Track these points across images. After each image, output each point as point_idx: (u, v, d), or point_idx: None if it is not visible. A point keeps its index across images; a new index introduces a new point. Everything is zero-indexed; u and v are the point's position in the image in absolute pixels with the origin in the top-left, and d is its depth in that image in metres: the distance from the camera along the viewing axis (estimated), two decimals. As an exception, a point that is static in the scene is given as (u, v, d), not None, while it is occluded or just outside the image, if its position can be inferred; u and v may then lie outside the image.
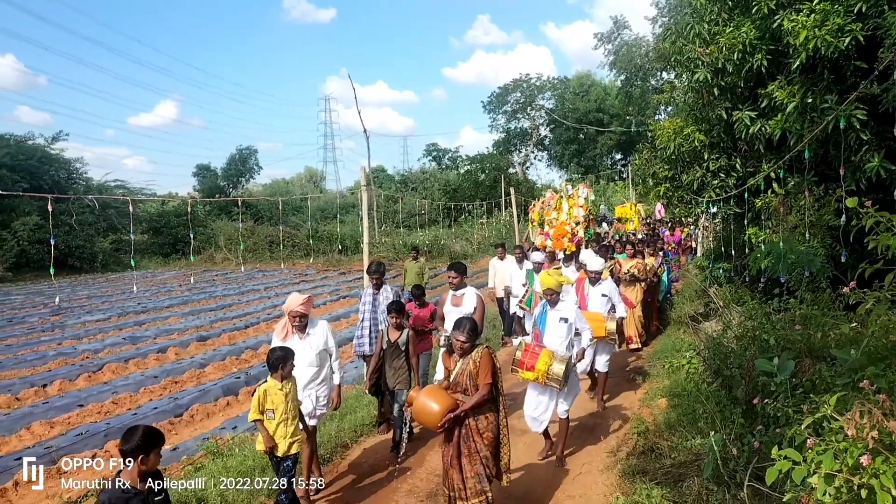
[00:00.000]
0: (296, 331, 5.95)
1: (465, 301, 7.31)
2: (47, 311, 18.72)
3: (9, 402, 9.68)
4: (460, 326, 5.11)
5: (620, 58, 35.14)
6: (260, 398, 5.13)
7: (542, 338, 6.48)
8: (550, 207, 12.45)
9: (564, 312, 6.49)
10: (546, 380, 6.20)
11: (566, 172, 50.98)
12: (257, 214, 41.17)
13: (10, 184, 30.11)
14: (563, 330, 6.44)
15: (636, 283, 11.05)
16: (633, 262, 11.20)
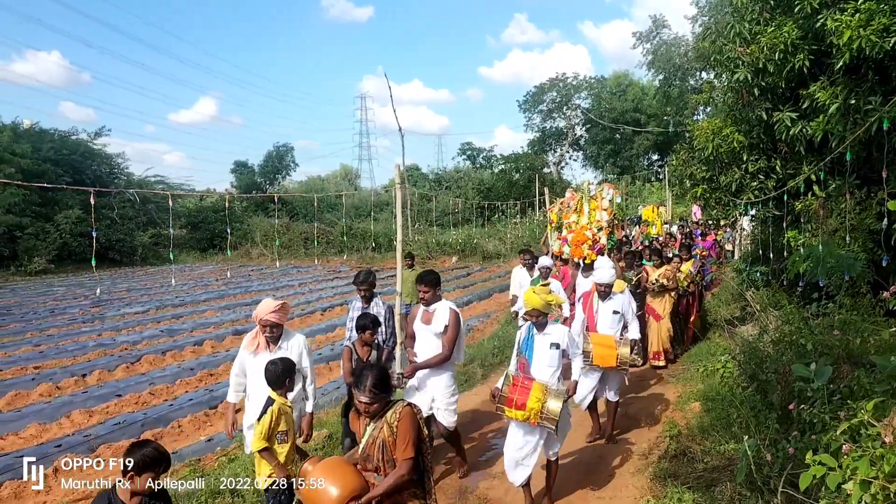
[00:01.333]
0: (268, 343, 5.26)
1: (435, 318, 6.02)
2: (88, 303, 19.17)
3: (50, 391, 9.93)
4: (361, 382, 3.64)
5: (659, 57, 34.80)
6: (272, 421, 4.43)
7: (528, 367, 5.49)
8: (570, 209, 11.04)
9: (555, 337, 5.48)
10: (540, 419, 5.27)
11: (602, 173, 50.58)
12: (293, 211, 41.64)
13: (54, 178, 30.94)
14: (554, 358, 5.47)
15: (665, 293, 10.22)
16: (661, 271, 10.22)
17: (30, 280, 27.09)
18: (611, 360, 6.82)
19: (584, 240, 10.25)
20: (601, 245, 10.29)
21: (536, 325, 5.54)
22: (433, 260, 31.58)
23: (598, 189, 10.87)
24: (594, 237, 10.32)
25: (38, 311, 17.88)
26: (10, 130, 32.55)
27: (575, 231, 10.51)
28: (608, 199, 10.65)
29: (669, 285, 10.15)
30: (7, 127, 33.29)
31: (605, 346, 6.84)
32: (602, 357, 6.79)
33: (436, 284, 6.08)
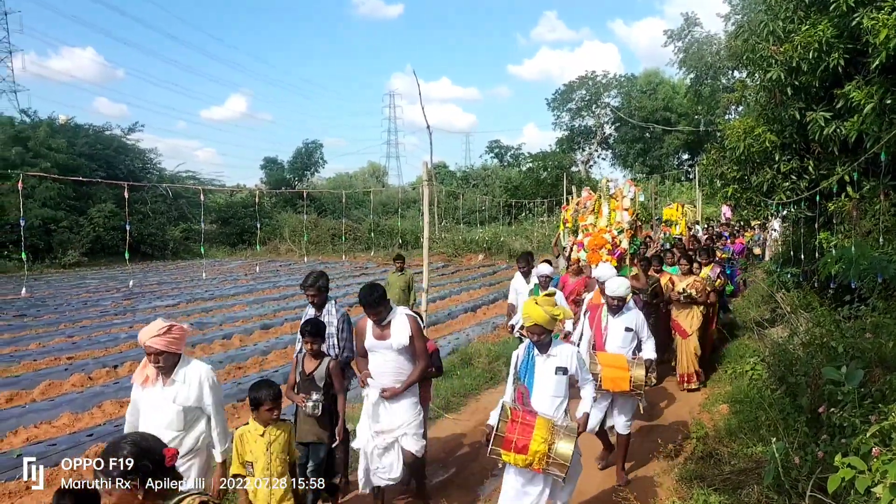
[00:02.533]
0: (157, 374, 4.11)
1: (394, 330, 5.07)
2: (120, 296, 19.52)
3: (83, 382, 10.12)
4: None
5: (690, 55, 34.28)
6: (237, 446, 4.10)
7: (528, 397, 4.54)
8: (587, 210, 9.87)
9: (561, 359, 4.56)
10: (546, 465, 4.32)
11: (630, 172, 50.18)
12: (321, 207, 41.95)
13: (88, 172, 31.54)
14: (561, 385, 4.55)
15: (693, 307, 9.14)
16: (689, 280, 9.21)
17: (64, 272, 27.64)
18: (623, 384, 5.89)
19: (602, 244, 9.19)
20: (622, 250, 9.24)
21: (538, 344, 4.58)
22: (459, 257, 31.61)
23: (619, 188, 9.71)
24: (614, 241, 9.25)
25: (72, 302, 18.24)
26: (46, 126, 33.21)
27: (592, 234, 9.40)
28: (629, 198, 9.50)
29: (699, 297, 9.09)
30: (43, 122, 33.99)
31: (616, 367, 5.92)
32: (613, 381, 5.90)
33: (382, 302, 5.00)
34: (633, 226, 9.42)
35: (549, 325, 4.46)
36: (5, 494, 6.32)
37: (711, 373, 9.77)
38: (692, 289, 9.10)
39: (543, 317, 4.40)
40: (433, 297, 16.65)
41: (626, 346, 6.20)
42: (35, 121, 34.37)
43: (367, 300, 4.93)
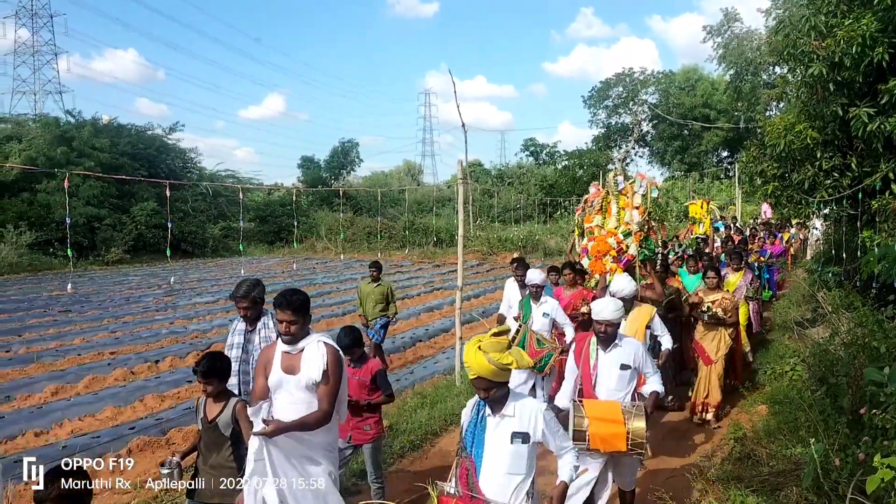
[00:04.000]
0: None
1: (305, 362, 3.88)
2: (161, 292, 19.92)
3: (125, 376, 10.37)
4: None
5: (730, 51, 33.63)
6: None
7: (476, 475, 3.40)
8: (593, 209, 8.35)
9: (521, 422, 3.40)
10: None
11: (668, 169, 49.56)
12: (357, 206, 42.25)
13: (130, 171, 32.24)
14: (521, 459, 3.38)
15: (719, 328, 7.77)
16: (717, 296, 7.85)
17: (107, 269, 28.29)
18: (618, 442, 4.50)
19: (606, 250, 7.76)
20: (629, 256, 7.81)
21: (488, 402, 3.41)
22: (494, 255, 31.58)
23: (629, 182, 8.17)
24: (619, 246, 7.84)
25: (115, 299, 18.66)
26: (90, 126, 34.01)
27: (597, 238, 7.99)
28: (641, 195, 7.96)
29: (728, 318, 7.72)
30: (87, 122, 34.81)
31: (608, 420, 4.54)
32: (604, 438, 4.51)
33: (303, 311, 3.90)
34: (643, 227, 7.93)
35: (497, 378, 3.29)
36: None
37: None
38: (719, 307, 7.72)
39: (487, 367, 3.25)
40: (467, 296, 16.67)
41: (622, 388, 4.81)
42: (79, 121, 35.23)
43: (288, 301, 3.82)
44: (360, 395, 5.09)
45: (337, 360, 3.95)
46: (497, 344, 3.33)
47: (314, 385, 3.86)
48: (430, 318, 15.48)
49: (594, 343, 4.89)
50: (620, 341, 4.88)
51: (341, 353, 4.06)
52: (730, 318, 7.80)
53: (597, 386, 4.83)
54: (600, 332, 4.79)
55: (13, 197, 29.53)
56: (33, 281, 23.20)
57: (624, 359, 4.83)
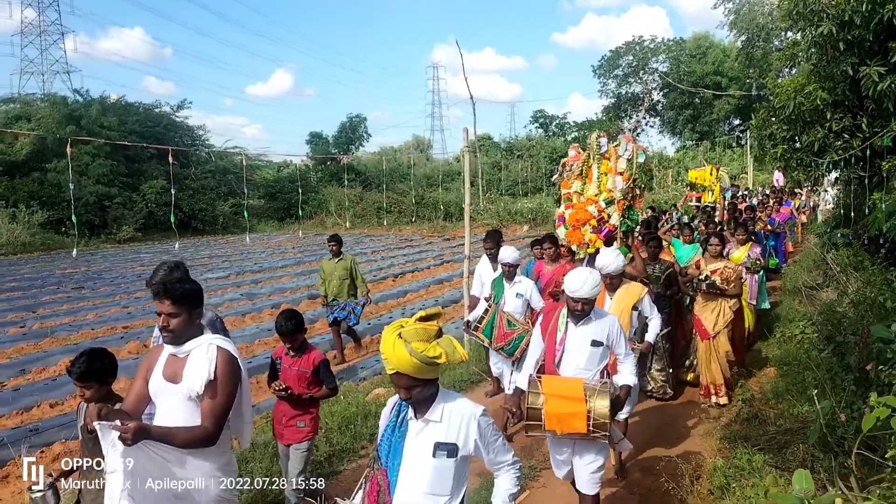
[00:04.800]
0: None
1: (189, 368, 3.18)
2: (173, 269, 20.07)
3: (138, 349, 10.47)
4: None
5: (741, 17, 33.35)
6: None
7: (389, 493, 2.81)
8: (572, 174, 7.39)
9: (448, 429, 2.79)
10: None
11: (679, 139, 49.15)
12: (366, 181, 42.24)
13: (139, 149, 32.33)
14: (443, 477, 2.79)
15: (719, 300, 7.14)
16: (718, 265, 7.24)
17: (118, 247, 28.50)
18: (576, 422, 3.92)
19: (585, 219, 6.95)
20: (610, 227, 6.95)
21: (412, 404, 2.80)
22: (504, 228, 31.55)
23: (613, 144, 7.18)
24: (601, 215, 6.96)
25: (127, 276, 18.82)
26: (98, 104, 34.04)
27: (575, 206, 7.14)
28: (626, 159, 7.03)
29: (729, 289, 7.11)
30: (95, 101, 34.84)
31: (566, 397, 3.98)
32: (560, 418, 3.94)
33: (188, 303, 3.17)
34: (627, 195, 6.98)
35: (421, 374, 2.64)
36: (68, 452, 6.62)
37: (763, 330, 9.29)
38: (720, 276, 7.11)
39: (408, 361, 2.60)
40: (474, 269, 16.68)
41: (591, 367, 4.25)
42: (87, 100, 35.26)
43: (171, 291, 3.15)
44: (298, 387, 4.60)
45: (230, 369, 3.17)
46: (423, 331, 2.66)
47: (197, 397, 3.12)
48: (441, 290, 15.57)
49: (564, 315, 4.30)
50: (594, 315, 4.27)
51: (239, 360, 3.24)
52: (732, 289, 7.12)
53: (562, 363, 4.27)
54: (576, 309, 4.17)
55: (24, 177, 29.71)
56: (46, 259, 23.42)
57: (596, 334, 4.24)
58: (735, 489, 4.88)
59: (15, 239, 25.43)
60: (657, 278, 7.36)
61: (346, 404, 6.83)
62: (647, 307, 5.65)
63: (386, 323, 10.84)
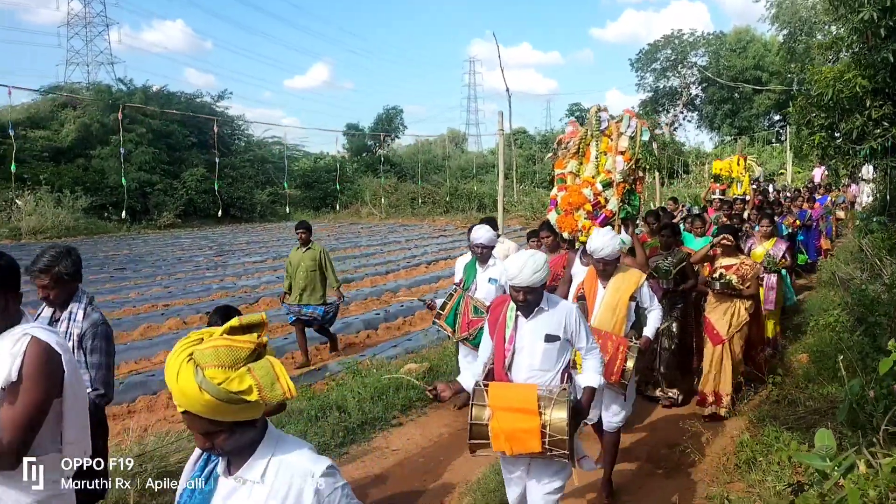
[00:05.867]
0: None
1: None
2: (212, 253, 20.56)
3: (177, 325, 10.79)
4: None
5: (783, 10, 32.89)
6: None
7: None
8: (567, 152, 6.53)
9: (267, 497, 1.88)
10: None
11: (718, 134, 48.50)
12: (401, 172, 42.49)
13: (180, 137, 33.08)
14: None
15: (734, 300, 6.42)
16: (734, 261, 6.50)
17: (159, 233, 29.15)
18: (530, 441, 3.33)
19: (579, 203, 6.12)
20: (607, 212, 6.09)
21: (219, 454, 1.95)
22: (538, 220, 31.53)
23: (614, 120, 6.39)
24: (597, 198, 6.12)
25: (168, 259, 19.30)
26: (141, 93, 34.80)
27: (569, 188, 6.29)
28: (628, 136, 6.24)
29: (745, 288, 6.40)
30: (138, 90, 35.61)
31: (517, 409, 3.37)
32: (510, 436, 3.35)
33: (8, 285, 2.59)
34: (628, 177, 6.19)
35: (222, 415, 1.79)
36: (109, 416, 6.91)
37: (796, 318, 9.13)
38: (735, 274, 6.39)
39: (198, 398, 1.75)
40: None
41: (548, 367, 3.58)
42: (131, 89, 36.05)
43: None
44: None
45: (43, 367, 2.45)
46: (227, 351, 1.80)
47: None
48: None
49: (512, 309, 3.66)
50: (546, 304, 3.62)
51: (63, 356, 2.55)
52: (748, 289, 6.42)
53: (513, 365, 3.61)
54: (517, 300, 3.54)
55: (69, 163, 30.51)
56: (89, 243, 24.06)
57: (550, 327, 3.58)
58: (762, 463, 4.94)
59: (60, 223, 26.10)
60: (666, 272, 6.64)
61: (379, 376, 7.00)
62: (647, 297, 4.97)
63: (419, 307, 11.12)
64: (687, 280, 6.84)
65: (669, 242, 6.92)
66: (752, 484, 4.80)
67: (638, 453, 5.78)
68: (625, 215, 6.18)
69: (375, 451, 5.72)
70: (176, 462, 4.68)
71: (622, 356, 4.68)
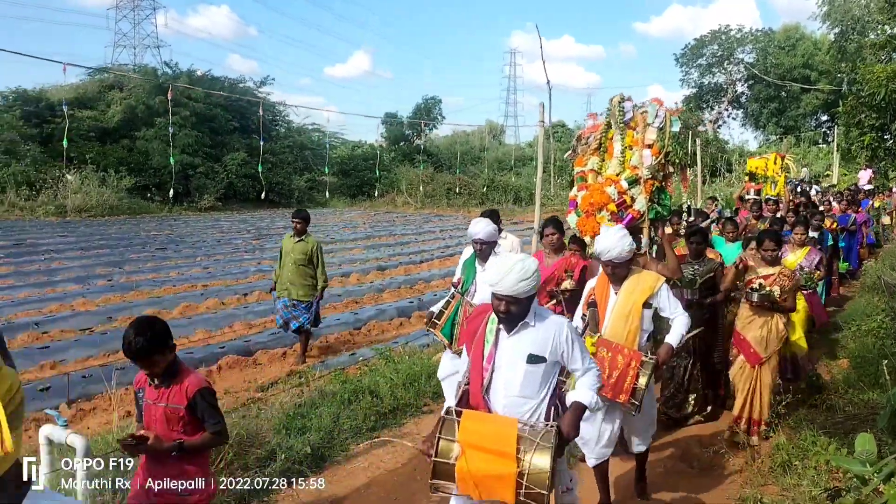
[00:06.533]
0: None
1: None
2: (250, 236, 20.84)
3: (216, 306, 10.97)
4: None
5: (835, 8, 32.02)
6: None
7: None
8: (588, 148, 5.85)
9: None
10: None
11: (763, 133, 47.56)
12: (438, 162, 42.55)
13: (223, 122, 33.51)
14: None
15: (773, 315, 5.63)
16: (773, 271, 5.68)
17: (200, 215, 29.62)
18: (502, 490, 2.82)
19: (603, 203, 5.30)
20: (634, 213, 5.34)
21: None
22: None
23: (639, 110, 5.65)
24: (622, 197, 5.32)
25: (207, 240, 19.62)
26: (185, 77, 35.31)
27: (590, 187, 5.48)
28: (656, 127, 5.50)
29: (786, 302, 5.63)
30: (183, 74, 36.16)
31: (490, 450, 2.85)
32: (480, 482, 2.85)
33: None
34: (657, 174, 5.45)
35: None
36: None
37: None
38: (775, 285, 5.61)
39: None
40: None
41: (530, 394, 3.08)
42: (176, 72, 36.61)
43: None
44: (167, 432, 3.11)
45: None
46: None
47: None
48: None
49: (493, 321, 3.13)
50: (533, 318, 3.07)
51: None
52: (788, 303, 5.68)
53: (491, 389, 3.12)
54: (499, 310, 3.01)
55: (114, 143, 31.12)
56: (132, 223, 24.57)
57: (535, 346, 3.05)
58: (798, 467, 4.85)
59: (104, 202, 26.66)
60: (691, 281, 5.97)
61: (411, 363, 7.04)
62: (666, 302, 4.34)
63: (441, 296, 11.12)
64: (713, 290, 6.06)
65: (700, 250, 6.17)
66: (786, 487, 4.71)
67: (671, 451, 5.72)
68: (654, 215, 5.48)
69: (406, 437, 5.76)
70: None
71: (634, 372, 4.10)
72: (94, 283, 12.27)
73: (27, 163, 26.24)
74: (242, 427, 4.92)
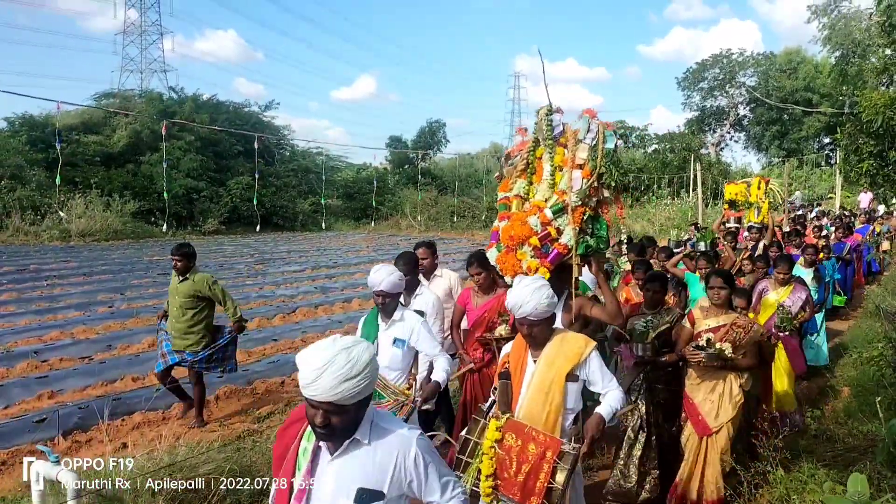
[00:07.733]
0: None
1: None
2: (252, 261, 20.86)
3: (217, 330, 10.97)
4: None
5: (836, 32, 32.21)
6: None
7: None
8: (514, 170, 4.95)
9: None
10: None
11: (765, 155, 47.64)
12: (442, 185, 42.68)
13: (228, 146, 33.79)
14: None
15: (725, 375, 4.80)
16: (723, 320, 4.87)
17: (203, 238, 29.68)
18: None
19: (524, 236, 4.51)
20: (559, 247, 4.45)
21: None
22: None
23: (570, 126, 4.82)
24: (545, 229, 4.50)
25: (209, 264, 19.59)
26: (191, 101, 35.73)
27: (512, 217, 4.71)
28: (588, 145, 4.62)
29: (739, 358, 4.75)
30: (189, 98, 36.56)
31: None
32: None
33: None
34: (587, 200, 4.54)
35: None
36: (147, 422, 7.03)
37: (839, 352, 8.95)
38: (726, 341, 4.73)
39: None
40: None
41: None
42: (181, 97, 37.00)
43: None
44: None
45: None
46: None
47: None
48: (509, 294, 15.72)
49: (309, 438, 2.28)
50: (368, 434, 2.20)
51: None
52: (744, 360, 4.82)
53: None
54: (315, 423, 2.10)
55: (119, 168, 31.37)
56: (135, 247, 24.65)
57: (367, 476, 2.19)
58: (795, 501, 4.80)
59: (108, 226, 26.80)
60: (642, 334, 5.08)
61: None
62: (597, 373, 3.54)
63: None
64: (666, 346, 5.05)
65: (657, 299, 5.25)
66: (784, 523, 4.67)
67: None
68: (583, 251, 4.50)
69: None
70: (205, 472, 4.73)
71: (549, 466, 3.23)
72: (95, 310, 12.29)
73: (32, 187, 26.43)
74: (236, 462, 4.89)
